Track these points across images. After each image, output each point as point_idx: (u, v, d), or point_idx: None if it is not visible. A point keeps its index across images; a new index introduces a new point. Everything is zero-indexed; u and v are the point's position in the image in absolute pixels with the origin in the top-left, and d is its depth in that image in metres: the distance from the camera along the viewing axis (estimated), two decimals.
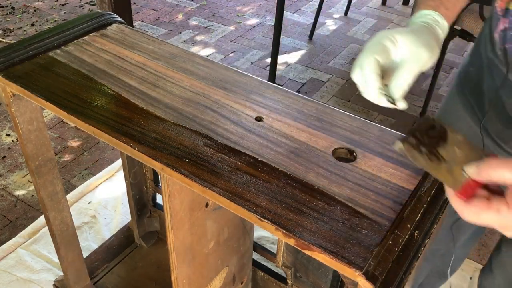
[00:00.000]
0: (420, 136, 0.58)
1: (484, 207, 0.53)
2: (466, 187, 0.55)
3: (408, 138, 0.58)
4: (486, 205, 0.53)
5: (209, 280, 1.06)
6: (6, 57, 0.94)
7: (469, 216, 0.55)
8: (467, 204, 0.54)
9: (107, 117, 0.82)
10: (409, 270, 0.66)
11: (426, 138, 0.58)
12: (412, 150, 0.57)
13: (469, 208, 0.54)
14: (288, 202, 0.68)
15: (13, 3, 3.45)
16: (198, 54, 1.01)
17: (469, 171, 0.56)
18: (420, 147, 0.58)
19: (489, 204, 0.53)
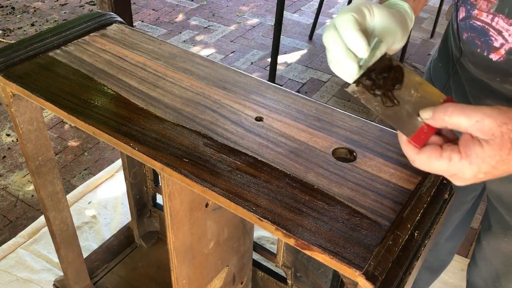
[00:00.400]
0: (376, 77, 0.55)
1: (436, 155, 0.52)
2: (419, 132, 0.53)
3: (363, 80, 0.55)
4: (438, 153, 0.52)
5: (209, 280, 1.06)
6: (6, 57, 0.94)
7: (420, 164, 0.53)
8: (419, 152, 0.53)
9: (107, 117, 0.82)
10: (409, 270, 0.66)
11: (381, 79, 0.55)
12: (366, 93, 0.54)
13: (420, 156, 0.53)
14: (288, 202, 0.68)
15: (13, 3, 3.45)
16: (198, 54, 1.01)
17: (423, 116, 0.54)
18: (374, 90, 0.55)
19: (441, 152, 0.52)
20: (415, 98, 0.55)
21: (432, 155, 0.52)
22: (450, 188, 0.78)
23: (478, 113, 0.49)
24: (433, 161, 0.52)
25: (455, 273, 1.73)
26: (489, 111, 0.49)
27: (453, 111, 0.51)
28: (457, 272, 1.73)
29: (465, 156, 0.50)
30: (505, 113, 0.49)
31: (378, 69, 0.56)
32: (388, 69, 0.55)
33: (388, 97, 0.55)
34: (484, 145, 0.49)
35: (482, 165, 0.49)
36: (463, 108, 0.50)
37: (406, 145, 0.54)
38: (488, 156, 0.49)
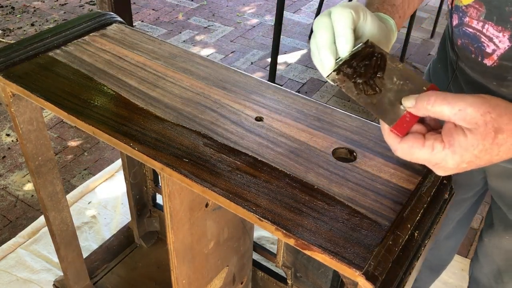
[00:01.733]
0: (357, 65, 0.54)
1: (418, 144, 0.51)
2: (401, 121, 0.52)
3: (344, 68, 0.54)
4: (420, 142, 0.51)
5: (209, 280, 1.06)
6: (6, 57, 0.94)
7: (402, 154, 0.52)
8: (401, 141, 0.52)
9: (107, 117, 0.82)
10: (409, 270, 0.66)
11: (363, 67, 0.54)
12: (346, 81, 0.53)
13: (402, 145, 0.52)
14: (288, 202, 0.68)
15: (13, 3, 3.45)
16: (198, 54, 1.01)
17: (406, 104, 0.53)
18: (355, 78, 0.53)
19: (423, 141, 0.51)
20: (397, 86, 0.54)
21: (414, 144, 0.51)
22: (450, 188, 0.78)
23: (461, 102, 0.48)
24: (415, 150, 0.51)
25: (455, 273, 1.73)
26: (472, 99, 0.48)
27: (436, 100, 0.50)
28: (457, 272, 1.73)
29: (448, 146, 0.49)
30: (488, 101, 0.48)
31: (360, 56, 0.54)
32: (370, 56, 0.54)
33: (369, 85, 0.54)
34: (468, 134, 0.48)
35: (465, 155, 0.49)
36: (445, 97, 0.49)
37: (388, 134, 0.53)
38: (471, 146, 0.48)
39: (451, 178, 0.79)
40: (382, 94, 0.53)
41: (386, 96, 0.53)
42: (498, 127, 0.47)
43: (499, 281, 1.01)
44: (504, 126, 0.48)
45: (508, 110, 0.48)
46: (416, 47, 3.21)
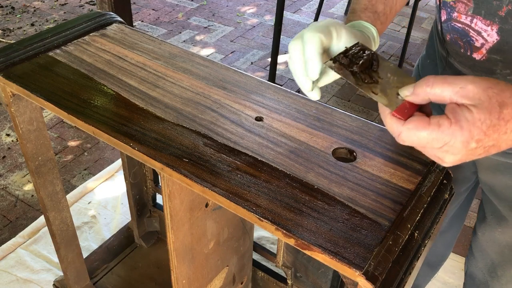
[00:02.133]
0: (352, 56, 0.55)
1: (424, 123, 0.49)
2: (402, 107, 0.51)
3: (340, 58, 0.55)
4: (425, 121, 0.49)
5: (209, 280, 1.06)
6: (6, 57, 0.94)
7: (408, 136, 0.50)
8: (405, 123, 0.50)
9: (107, 117, 0.82)
10: (409, 270, 0.66)
11: (358, 58, 0.55)
12: (343, 69, 0.54)
13: (407, 127, 0.50)
14: (288, 202, 0.68)
15: (13, 3, 3.45)
16: (198, 54, 1.01)
17: (404, 93, 0.52)
18: (353, 67, 0.55)
19: (428, 120, 0.49)
20: (392, 80, 0.55)
21: (419, 124, 0.49)
22: (450, 188, 0.78)
23: (461, 80, 0.48)
24: (421, 131, 0.49)
25: (455, 273, 1.73)
26: (471, 78, 0.48)
27: (435, 82, 0.49)
28: (457, 272, 1.73)
29: (455, 122, 0.47)
30: (488, 80, 0.47)
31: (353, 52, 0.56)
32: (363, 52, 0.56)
33: (367, 74, 0.54)
34: (473, 109, 0.47)
35: (473, 130, 0.47)
36: (444, 78, 0.49)
37: (390, 118, 0.52)
38: (478, 120, 0.46)
39: (451, 178, 0.79)
40: (379, 84, 0.54)
41: (384, 86, 0.54)
42: (502, 101, 0.46)
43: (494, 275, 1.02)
44: (507, 100, 0.46)
45: (508, 86, 0.47)
46: (416, 47, 3.21)
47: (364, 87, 0.54)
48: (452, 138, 0.47)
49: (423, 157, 0.78)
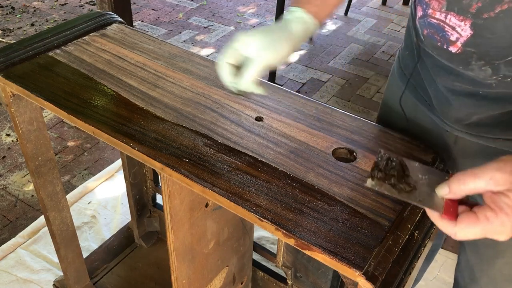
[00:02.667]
0: (385, 170, 0.60)
1: (474, 220, 0.53)
2: (447, 207, 0.55)
3: (376, 174, 0.59)
4: (474, 218, 0.53)
5: (209, 280, 1.06)
6: (6, 57, 0.94)
7: (463, 235, 0.55)
8: (457, 223, 0.54)
9: (107, 117, 0.82)
10: (409, 270, 0.66)
11: (390, 170, 0.60)
12: (384, 184, 0.58)
13: (460, 227, 0.54)
14: (288, 202, 0.68)
15: (13, 3, 3.45)
16: (198, 54, 1.01)
17: (441, 193, 0.56)
18: (390, 180, 0.59)
19: (476, 216, 0.53)
20: (425, 180, 0.59)
21: (470, 222, 0.53)
22: None
23: (487, 171, 0.52)
24: (473, 227, 0.53)
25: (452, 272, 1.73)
26: (495, 165, 0.52)
27: (466, 179, 0.54)
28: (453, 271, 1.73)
29: (499, 210, 0.52)
30: (510, 161, 0.52)
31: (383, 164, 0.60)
32: (391, 160, 0.61)
33: (405, 183, 0.58)
34: (509, 194, 0.52)
35: None
36: (473, 173, 0.53)
37: (441, 221, 0.56)
38: None
39: None
40: (418, 189, 0.58)
41: (422, 190, 0.58)
42: None
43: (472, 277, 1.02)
44: None
45: None
46: None
47: (408, 197, 0.57)
48: (502, 225, 0.52)
49: (423, 157, 0.78)
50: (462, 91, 0.72)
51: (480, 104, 0.71)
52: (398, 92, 0.91)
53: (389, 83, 0.98)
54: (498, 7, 0.58)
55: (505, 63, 0.63)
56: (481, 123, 0.74)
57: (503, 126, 0.72)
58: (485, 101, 0.70)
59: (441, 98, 0.77)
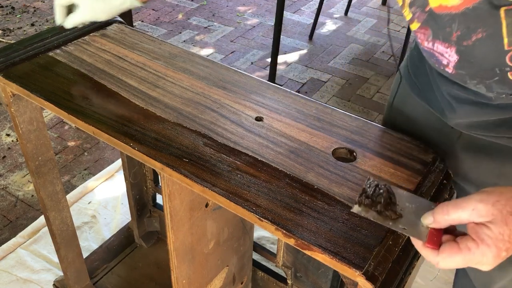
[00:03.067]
0: (372, 196, 0.61)
1: (456, 250, 0.55)
2: (431, 235, 0.57)
3: (363, 200, 0.61)
4: (456, 248, 0.55)
5: (209, 280, 1.06)
6: (6, 57, 0.94)
7: (445, 264, 0.56)
8: (439, 252, 0.56)
9: (107, 117, 0.82)
10: (409, 270, 0.66)
11: (377, 197, 0.61)
12: (370, 211, 0.60)
13: (442, 256, 0.55)
14: (288, 202, 0.68)
15: (13, 3, 3.45)
16: (198, 54, 1.01)
17: (426, 222, 0.58)
18: (377, 207, 0.60)
19: (458, 246, 0.55)
20: (412, 208, 0.60)
21: (451, 252, 0.55)
22: (450, 188, 0.78)
23: (471, 202, 0.54)
24: (455, 257, 0.54)
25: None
26: (478, 197, 0.54)
27: (449, 210, 0.55)
28: None
29: (481, 242, 0.53)
30: (493, 192, 0.54)
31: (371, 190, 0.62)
32: (379, 187, 0.62)
33: (391, 210, 0.60)
34: (490, 225, 0.53)
35: (499, 244, 0.53)
36: (456, 204, 0.55)
37: (424, 249, 0.57)
38: (499, 234, 0.52)
39: (451, 178, 0.79)
40: (404, 217, 0.59)
41: (408, 218, 0.59)
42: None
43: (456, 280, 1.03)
44: None
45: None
46: None
47: (393, 225, 0.59)
48: (484, 256, 0.53)
49: (423, 157, 0.78)
50: (465, 100, 0.73)
51: (484, 111, 0.72)
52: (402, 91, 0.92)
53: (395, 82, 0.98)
54: (474, 36, 0.61)
55: (495, 82, 0.65)
56: (485, 124, 0.74)
57: (508, 126, 0.73)
58: (488, 109, 0.71)
59: (445, 103, 0.78)
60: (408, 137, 0.82)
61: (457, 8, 0.60)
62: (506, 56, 0.60)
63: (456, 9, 0.61)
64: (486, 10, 0.58)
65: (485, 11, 0.58)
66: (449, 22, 0.63)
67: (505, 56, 0.60)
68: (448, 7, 0.61)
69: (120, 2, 0.88)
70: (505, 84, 0.64)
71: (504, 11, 0.56)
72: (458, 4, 0.60)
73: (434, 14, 0.64)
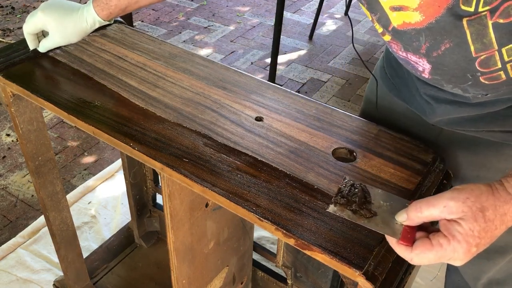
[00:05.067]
0: (347, 196, 0.63)
1: (428, 247, 0.56)
2: (405, 233, 0.58)
3: (338, 200, 0.63)
4: (428, 244, 0.56)
5: (209, 280, 1.06)
6: (6, 57, 0.94)
7: (419, 260, 0.57)
8: (413, 249, 0.57)
9: (107, 117, 0.82)
10: (409, 270, 0.66)
11: (353, 197, 0.63)
12: (345, 210, 0.61)
13: (415, 253, 0.57)
14: (288, 202, 0.68)
15: (13, 3, 3.45)
16: (198, 54, 1.01)
17: (400, 220, 0.59)
18: (352, 206, 0.62)
19: (430, 242, 0.56)
20: (386, 206, 0.62)
21: (424, 248, 0.56)
22: (450, 188, 0.78)
23: (442, 199, 0.55)
24: (428, 253, 0.56)
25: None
26: (449, 194, 0.55)
27: (421, 207, 0.57)
28: None
29: (452, 238, 0.55)
30: (463, 190, 0.55)
31: (347, 189, 0.64)
32: (354, 187, 0.64)
33: (366, 209, 0.61)
34: (461, 222, 0.54)
35: (469, 239, 0.54)
36: (428, 201, 0.56)
37: (398, 246, 0.58)
38: (470, 230, 0.54)
39: (451, 178, 0.79)
40: (379, 215, 0.61)
41: (382, 216, 0.61)
42: (482, 207, 0.54)
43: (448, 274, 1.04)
44: (485, 203, 0.55)
45: (482, 189, 0.55)
46: None
47: (367, 223, 0.60)
48: (455, 252, 0.55)
49: (423, 157, 0.78)
50: (444, 100, 0.75)
51: (463, 109, 0.74)
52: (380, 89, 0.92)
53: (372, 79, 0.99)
54: (443, 46, 0.63)
55: (469, 85, 0.67)
56: (464, 120, 0.76)
57: (486, 121, 0.75)
58: (466, 107, 0.73)
59: (424, 104, 0.79)
60: (408, 137, 0.82)
61: (421, 23, 0.62)
62: (475, 62, 0.62)
63: (420, 25, 0.63)
64: (449, 22, 0.59)
65: (449, 23, 0.60)
66: (416, 36, 0.65)
67: (474, 62, 0.62)
68: (411, 23, 0.63)
69: (90, 24, 0.91)
70: (479, 86, 0.66)
71: (466, 21, 0.58)
72: (421, 20, 0.62)
73: (399, 31, 0.66)
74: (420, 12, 0.61)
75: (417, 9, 0.61)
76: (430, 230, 0.58)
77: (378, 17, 0.68)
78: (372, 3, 0.67)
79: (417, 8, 0.61)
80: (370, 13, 0.70)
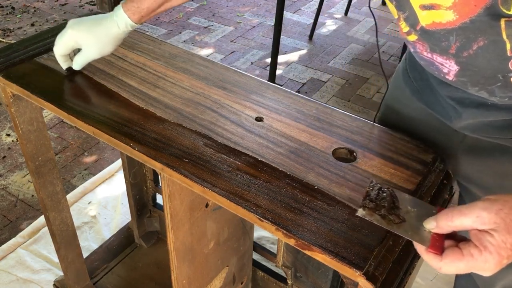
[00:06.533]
0: (376, 200, 0.62)
1: (458, 256, 0.55)
2: (433, 240, 0.57)
3: (367, 204, 0.62)
4: (459, 254, 0.55)
5: (209, 280, 1.06)
6: (6, 57, 0.94)
7: (447, 270, 0.56)
8: (443, 258, 0.56)
9: (107, 117, 0.82)
10: (410, 270, 0.66)
11: (381, 201, 0.62)
12: (374, 215, 0.61)
13: (445, 262, 0.56)
14: (288, 202, 0.68)
15: (13, 3, 3.45)
16: (198, 54, 1.01)
17: (428, 227, 0.58)
18: (381, 211, 0.61)
19: (461, 252, 0.55)
20: (414, 212, 0.61)
21: (454, 258, 0.55)
22: (450, 188, 0.78)
23: (474, 209, 0.54)
24: (458, 263, 0.55)
25: None
26: (482, 204, 0.54)
27: (453, 216, 0.56)
28: None
29: (484, 249, 0.54)
30: (496, 201, 0.54)
31: (375, 194, 0.63)
32: (382, 191, 0.63)
33: (395, 214, 0.60)
34: (493, 233, 0.54)
35: (501, 251, 0.53)
36: (460, 210, 0.55)
37: (427, 254, 0.57)
38: (502, 242, 0.53)
39: (451, 178, 0.79)
40: (407, 222, 0.60)
41: (410, 222, 0.60)
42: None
43: None
44: None
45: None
46: None
47: (396, 229, 0.59)
48: (486, 263, 0.54)
49: (423, 157, 0.78)
50: (470, 103, 0.74)
51: (490, 112, 0.72)
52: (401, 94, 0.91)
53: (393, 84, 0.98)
54: (475, 45, 0.61)
55: (497, 87, 0.65)
56: (491, 126, 0.75)
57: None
58: (495, 111, 0.72)
59: (449, 108, 0.78)
60: (408, 137, 0.82)
61: (453, 23, 0.61)
62: (509, 62, 0.61)
63: (452, 25, 0.61)
64: (485, 22, 0.58)
65: (484, 22, 0.58)
66: (446, 36, 0.63)
67: (508, 62, 0.61)
68: (442, 23, 0.62)
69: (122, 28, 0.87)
70: (508, 88, 0.65)
71: (504, 22, 0.57)
72: (454, 20, 0.60)
73: (427, 30, 0.65)
74: (454, 11, 0.59)
75: (450, 8, 0.59)
76: (458, 239, 0.58)
77: (407, 16, 0.66)
78: (401, 1, 0.65)
79: (451, 7, 0.59)
80: (397, 11, 0.68)
